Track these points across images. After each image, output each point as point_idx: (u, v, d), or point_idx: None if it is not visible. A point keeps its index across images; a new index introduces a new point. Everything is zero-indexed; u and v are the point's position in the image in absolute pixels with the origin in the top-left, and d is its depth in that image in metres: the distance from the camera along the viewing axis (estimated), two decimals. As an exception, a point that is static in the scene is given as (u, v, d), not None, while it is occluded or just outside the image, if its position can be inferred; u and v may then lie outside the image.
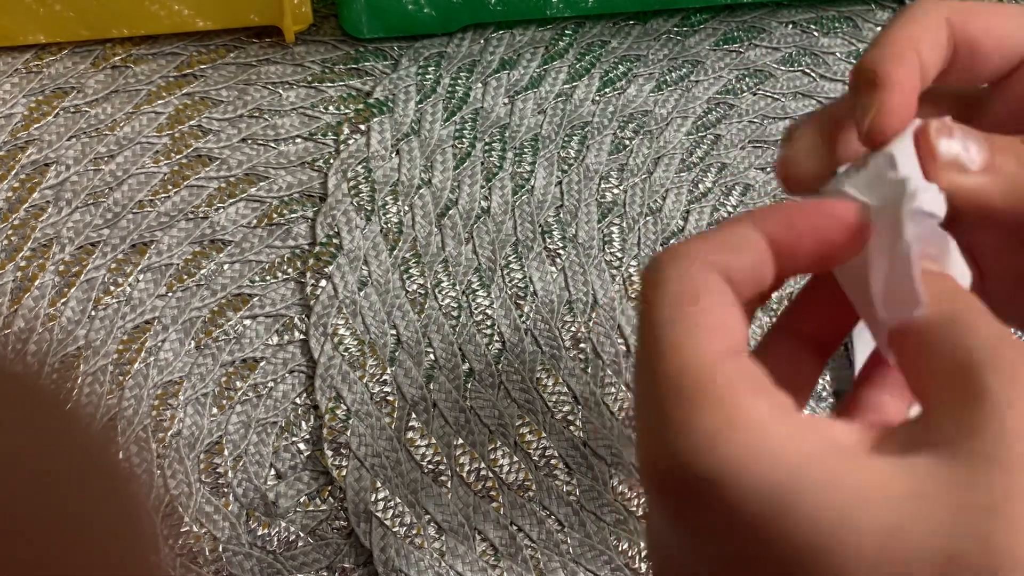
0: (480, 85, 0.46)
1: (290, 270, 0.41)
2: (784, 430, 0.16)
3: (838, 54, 0.50)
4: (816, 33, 0.50)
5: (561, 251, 0.42)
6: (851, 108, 0.22)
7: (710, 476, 0.16)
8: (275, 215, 0.42)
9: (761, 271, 0.19)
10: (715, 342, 0.17)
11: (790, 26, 0.50)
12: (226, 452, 0.37)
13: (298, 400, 0.38)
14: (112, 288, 0.39)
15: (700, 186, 0.45)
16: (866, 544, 0.15)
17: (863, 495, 0.15)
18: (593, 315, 0.41)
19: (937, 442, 0.16)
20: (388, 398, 0.38)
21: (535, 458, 0.38)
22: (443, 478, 0.37)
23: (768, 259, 0.19)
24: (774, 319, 0.42)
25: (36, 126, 0.42)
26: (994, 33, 0.22)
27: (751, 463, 0.16)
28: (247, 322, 0.39)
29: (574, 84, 0.47)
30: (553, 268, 0.42)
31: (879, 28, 0.51)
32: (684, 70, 0.48)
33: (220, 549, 0.35)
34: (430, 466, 0.37)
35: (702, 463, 0.16)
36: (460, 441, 0.38)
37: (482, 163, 0.44)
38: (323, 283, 0.40)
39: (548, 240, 0.42)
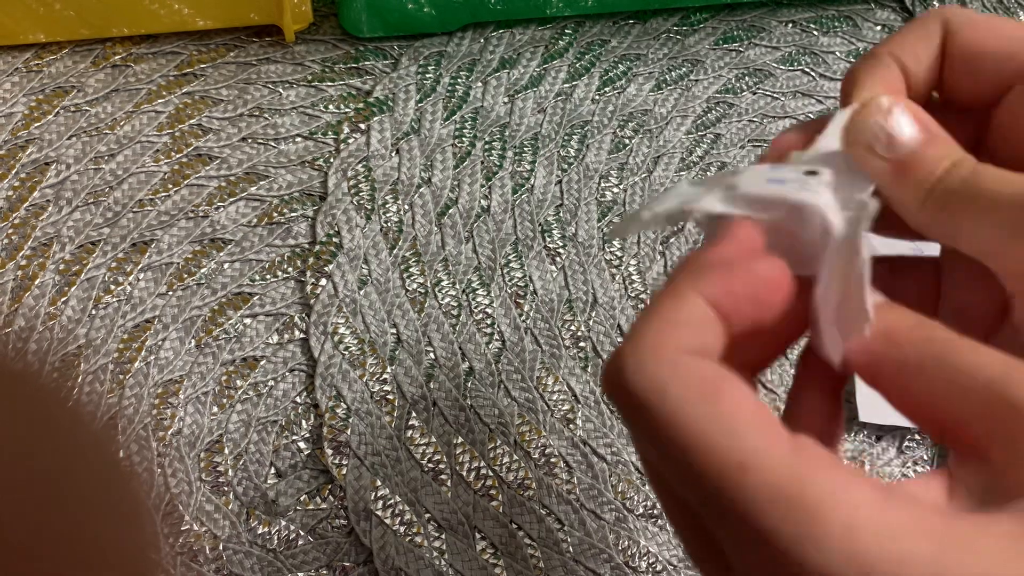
0: (480, 84, 0.46)
1: (290, 269, 0.41)
2: (898, 517, 0.16)
3: (838, 53, 0.50)
4: (816, 32, 0.50)
5: (561, 250, 0.42)
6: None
7: None
8: (275, 214, 0.42)
9: (721, 340, 0.18)
10: (773, 437, 0.16)
11: (790, 25, 0.50)
12: (226, 450, 0.37)
13: (298, 399, 0.38)
14: (112, 287, 0.39)
15: (700, 185, 0.45)
16: None
17: (1003, 559, 0.15)
18: (593, 314, 0.41)
19: (1013, 495, 0.16)
20: (388, 397, 0.38)
21: (535, 456, 0.38)
22: (443, 476, 0.37)
23: (718, 327, 0.18)
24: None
25: (36, 125, 0.42)
26: (989, 45, 0.22)
27: (895, 561, 0.15)
28: (247, 321, 0.39)
29: (574, 83, 0.47)
30: (553, 267, 0.42)
31: (879, 27, 0.51)
32: (684, 69, 0.48)
33: (220, 547, 0.35)
34: (430, 465, 0.37)
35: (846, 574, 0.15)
36: (460, 440, 0.38)
37: (482, 162, 0.44)
38: (323, 282, 0.40)
39: (548, 239, 0.43)
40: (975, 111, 0.23)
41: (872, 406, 0.39)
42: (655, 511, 0.38)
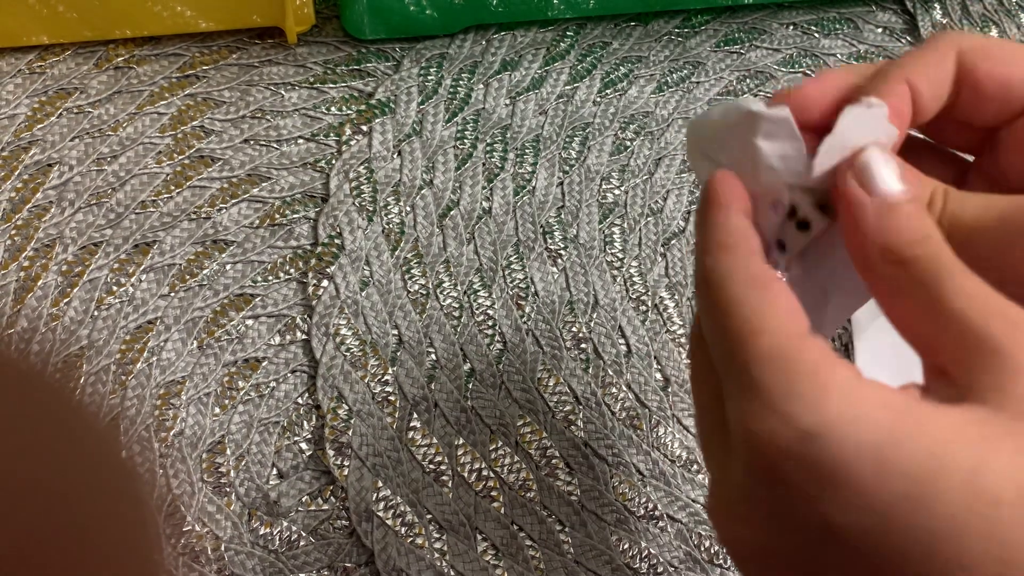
0: (482, 86, 0.46)
1: (292, 270, 0.41)
2: (867, 392, 0.19)
3: (839, 56, 0.50)
4: (817, 35, 0.50)
5: (562, 252, 0.42)
6: None
7: (816, 431, 0.18)
8: (277, 215, 0.42)
9: None
10: (794, 323, 0.20)
11: (791, 27, 0.51)
12: (228, 452, 0.37)
13: (300, 400, 0.38)
14: (115, 288, 0.39)
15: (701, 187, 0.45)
16: (955, 483, 0.18)
17: (946, 440, 0.18)
18: (594, 315, 0.41)
19: (977, 399, 0.19)
20: (390, 398, 0.38)
21: (536, 458, 0.38)
22: (444, 478, 0.37)
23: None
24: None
25: (39, 127, 0.42)
26: (996, 75, 0.23)
27: (850, 420, 0.18)
28: (249, 322, 0.39)
29: (575, 85, 0.47)
30: (554, 268, 0.42)
31: (880, 29, 0.51)
32: (685, 71, 0.48)
33: (222, 548, 0.35)
34: (431, 466, 0.37)
35: (807, 421, 0.18)
36: (461, 441, 0.38)
37: (483, 164, 0.44)
38: (325, 283, 0.40)
39: (549, 241, 0.43)
40: (982, 127, 0.23)
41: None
42: (656, 512, 0.38)
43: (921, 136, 0.25)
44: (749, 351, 0.20)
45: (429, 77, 0.46)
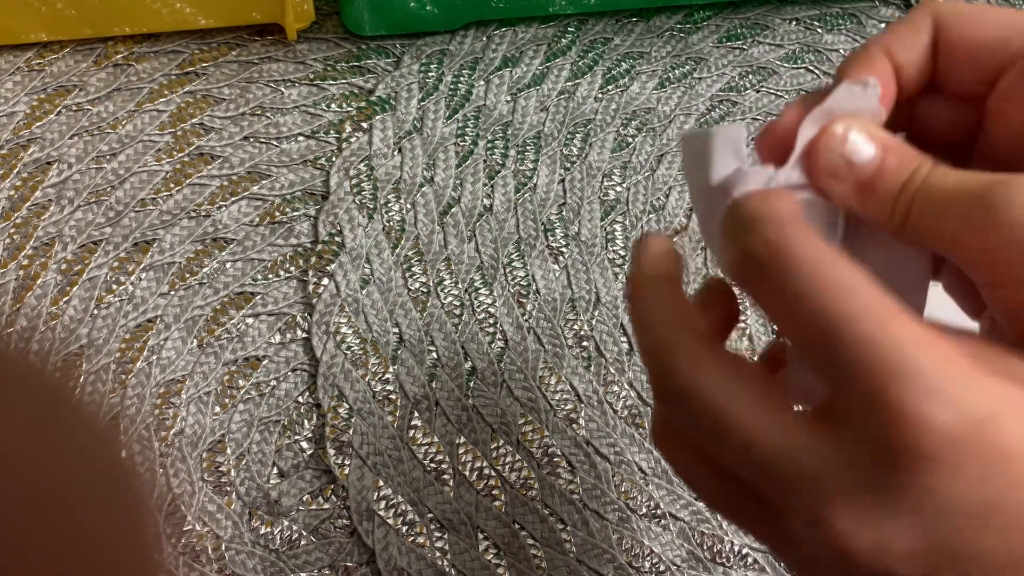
0: (482, 83, 0.46)
1: (292, 268, 0.41)
2: (1017, 368, 0.19)
3: (842, 51, 0.50)
4: (819, 30, 0.50)
5: (564, 249, 0.42)
6: None
7: (989, 415, 0.18)
8: (277, 213, 0.42)
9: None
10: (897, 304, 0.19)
11: (793, 23, 0.50)
12: (228, 451, 0.37)
13: (300, 399, 0.38)
14: (114, 287, 0.39)
15: (703, 184, 0.45)
16: None
17: None
18: (596, 313, 0.41)
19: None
20: (390, 396, 0.38)
21: (537, 456, 0.38)
22: (445, 476, 0.37)
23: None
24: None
25: (38, 124, 0.42)
26: (980, 36, 0.22)
27: (1014, 400, 0.18)
28: (249, 320, 0.39)
29: (576, 82, 0.46)
30: (556, 266, 0.42)
31: (883, 24, 0.51)
32: (687, 67, 0.48)
33: (223, 548, 0.35)
34: (432, 464, 0.37)
35: (978, 404, 0.18)
36: (462, 439, 0.38)
37: (484, 161, 0.44)
38: (325, 281, 0.40)
39: (551, 238, 0.42)
40: (971, 101, 0.23)
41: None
42: (658, 511, 0.38)
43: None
44: (889, 337, 0.18)
45: (430, 74, 0.46)
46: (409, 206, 0.42)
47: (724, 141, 0.22)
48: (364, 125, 0.44)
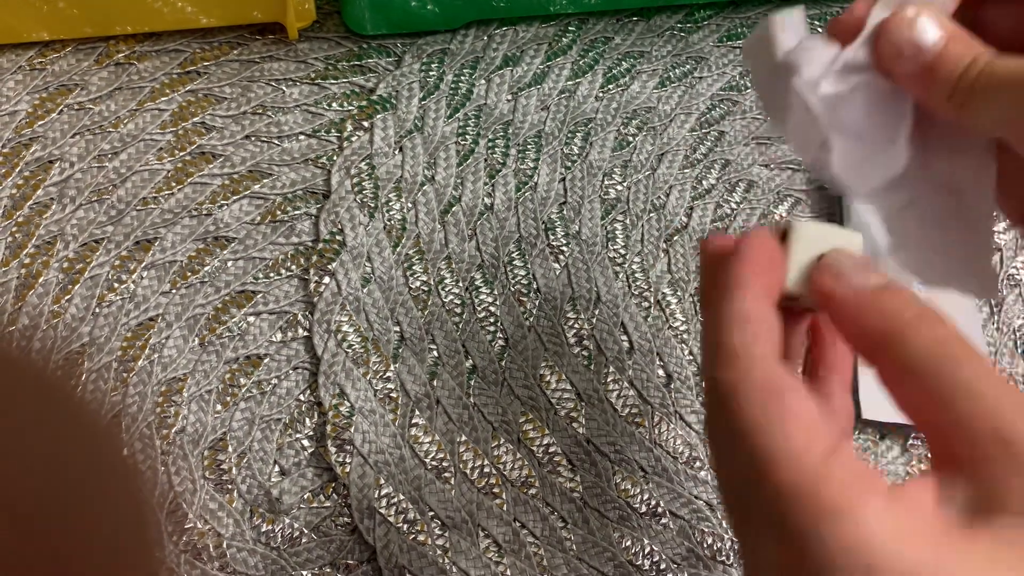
0: (483, 82, 0.46)
1: (293, 267, 0.41)
2: (902, 522, 0.19)
3: (842, 50, 0.50)
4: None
5: (564, 248, 0.42)
6: None
7: (859, 570, 0.18)
8: (278, 212, 0.42)
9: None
10: (816, 442, 0.19)
11: (794, 22, 0.50)
12: (230, 449, 0.37)
13: (302, 397, 0.38)
14: (116, 285, 0.39)
15: (704, 183, 0.45)
16: None
17: (986, 570, 0.18)
18: (596, 312, 0.41)
19: (1009, 509, 0.19)
20: (391, 395, 0.38)
21: (538, 455, 0.38)
22: (446, 475, 0.37)
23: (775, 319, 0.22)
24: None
25: (40, 123, 0.42)
26: None
27: (892, 556, 0.18)
28: (251, 319, 0.39)
29: (577, 81, 0.47)
30: (556, 265, 0.42)
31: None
32: (687, 66, 0.48)
33: (224, 545, 0.35)
34: (433, 463, 0.37)
35: (846, 562, 0.18)
36: (463, 438, 0.38)
37: (485, 160, 0.44)
38: (326, 280, 0.40)
39: (551, 237, 0.42)
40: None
41: (875, 404, 0.39)
42: (659, 509, 0.38)
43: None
44: (769, 484, 0.19)
45: (431, 73, 0.46)
46: (410, 205, 0.42)
47: (788, 22, 0.22)
48: (365, 124, 0.44)
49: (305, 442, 0.38)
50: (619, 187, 0.44)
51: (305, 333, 0.39)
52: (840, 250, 0.22)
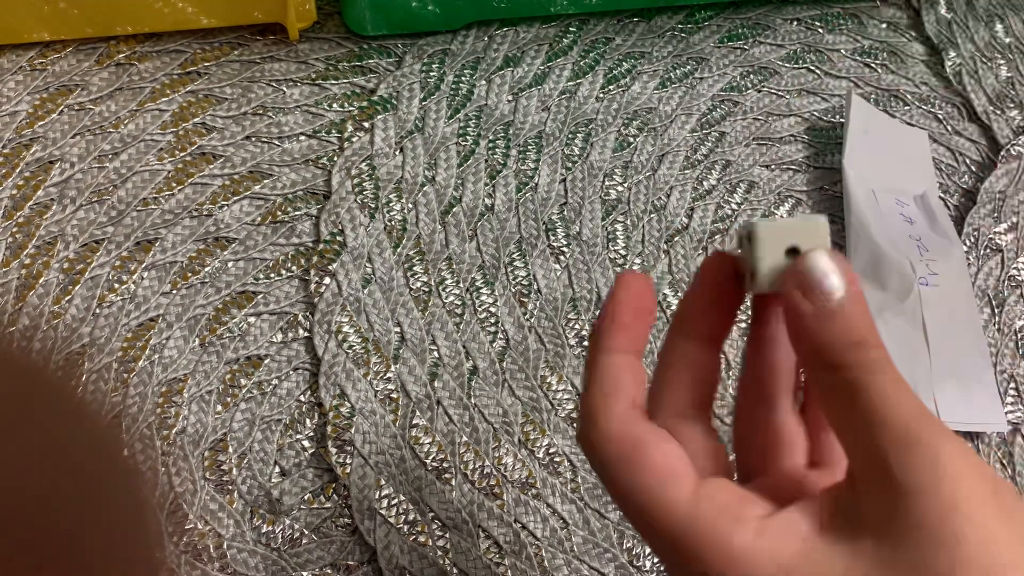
0: (484, 82, 0.46)
1: (294, 267, 0.41)
2: (764, 545, 0.20)
3: (843, 51, 0.50)
4: (821, 30, 0.50)
5: (565, 248, 0.42)
6: None
7: None
8: (279, 213, 0.42)
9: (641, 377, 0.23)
10: (679, 488, 0.21)
11: (795, 23, 0.50)
12: (230, 449, 0.37)
13: (302, 397, 0.38)
14: (116, 285, 0.39)
15: (704, 183, 0.45)
16: None
17: None
18: (597, 313, 0.41)
19: (872, 522, 0.19)
20: (392, 395, 0.38)
21: (539, 455, 0.38)
22: (447, 475, 0.37)
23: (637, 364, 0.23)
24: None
25: (40, 123, 0.42)
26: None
27: None
28: (251, 319, 0.39)
29: (578, 81, 0.47)
30: (557, 265, 0.42)
31: (884, 25, 0.51)
32: (688, 67, 0.48)
33: (224, 546, 0.35)
34: (434, 463, 0.37)
35: None
36: (464, 439, 0.38)
37: (486, 160, 0.44)
38: (327, 280, 0.40)
39: (552, 237, 0.42)
40: None
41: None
42: (660, 510, 0.38)
43: None
44: (653, 536, 0.21)
45: (431, 73, 0.46)
46: (411, 206, 0.42)
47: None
48: (366, 125, 0.44)
49: (306, 443, 0.37)
50: (620, 188, 0.44)
51: (306, 334, 0.39)
52: (815, 253, 0.22)
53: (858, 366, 0.20)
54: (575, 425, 0.39)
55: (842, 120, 0.47)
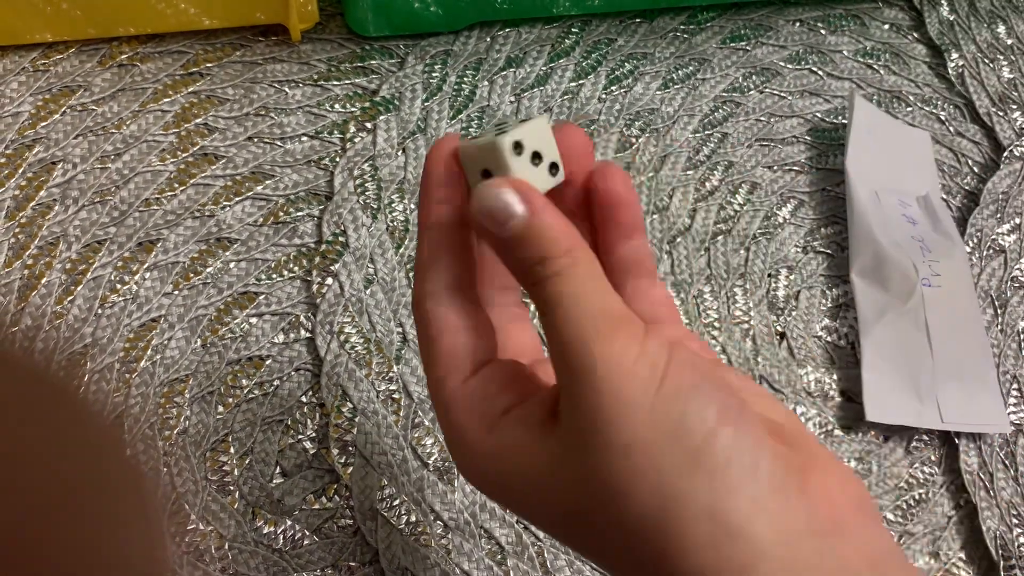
0: (486, 83, 0.46)
1: (296, 268, 0.41)
2: (492, 440, 0.22)
3: (845, 52, 0.50)
4: (823, 31, 0.50)
5: (567, 249, 0.42)
6: None
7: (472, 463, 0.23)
8: (281, 213, 0.42)
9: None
10: (452, 372, 0.23)
11: (797, 24, 0.50)
12: (232, 450, 0.37)
13: (304, 398, 0.38)
14: (119, 286, 0.39)
15: (707, 184, 0.45)
16: (530, 497, 0.22)
17: (540, 467, 0.21)
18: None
19: (563, 414, 0.21)
20: (394, 396, 0.38)
21: (541, 456, 0.38)
22: (449, 476, 0.37)
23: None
24: (783, 315, 0.42)
25: (43, 124, 0.42)
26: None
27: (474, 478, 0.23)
28: (253, 320, 0.39)
29: (580, 82, 0.47)
30: (559, 266, 0.42)
31: (887, 26, 0.51)
32: (691, 68, 0.48)
33: (226, 547, 0.35)
34: (436, 464, 0.37)
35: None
36: (466, 439, 0.38)
37: (488, 161, 0.44)
38: (329, 281, 0.40)
39: (554, 238, 0.42)
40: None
41: (878, 406, 0.39)
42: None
43: None
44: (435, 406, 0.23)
45: (433, 74, 0.46)
46: (413, 206, 0.42)
47: None
48: (368, 125, 0.44)
49: (307, 443, 0.37)
50: (622, 189, 0.44)
51: (307, 334, 0.39)
52: (482, 185, 0.22)
53: (543, 281, 0.21)
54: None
55: (844, 121, 0.47)
